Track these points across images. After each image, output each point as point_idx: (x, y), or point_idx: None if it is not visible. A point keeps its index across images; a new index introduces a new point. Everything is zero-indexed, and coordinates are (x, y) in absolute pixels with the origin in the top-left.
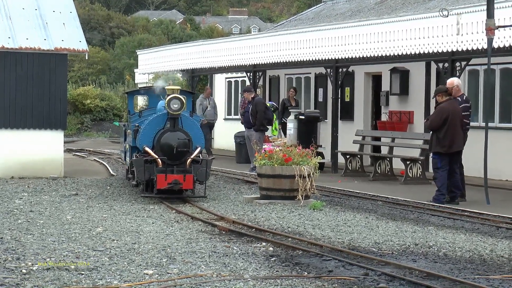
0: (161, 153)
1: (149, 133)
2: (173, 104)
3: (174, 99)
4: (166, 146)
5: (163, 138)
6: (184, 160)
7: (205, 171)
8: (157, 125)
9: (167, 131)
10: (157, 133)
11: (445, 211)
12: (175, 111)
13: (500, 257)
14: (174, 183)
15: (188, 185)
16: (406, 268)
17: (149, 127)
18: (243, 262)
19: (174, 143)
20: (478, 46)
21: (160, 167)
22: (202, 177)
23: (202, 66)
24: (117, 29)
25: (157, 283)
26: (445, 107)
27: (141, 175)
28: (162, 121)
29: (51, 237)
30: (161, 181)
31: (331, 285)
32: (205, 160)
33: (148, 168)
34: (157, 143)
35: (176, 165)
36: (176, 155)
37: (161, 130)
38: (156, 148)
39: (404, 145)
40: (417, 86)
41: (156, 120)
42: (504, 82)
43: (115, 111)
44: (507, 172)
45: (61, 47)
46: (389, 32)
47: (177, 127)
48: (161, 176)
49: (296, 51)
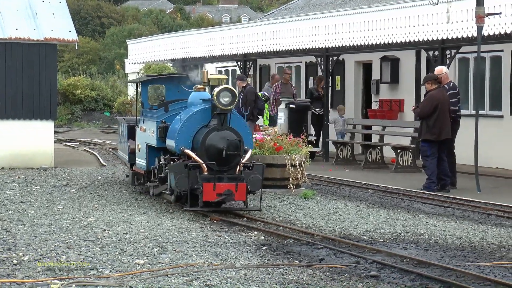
0: (205, 157)
1: (187, 132)
2: (223, 97)
3: (225, 91)
4: (213, 149)
5: (209, 138)
6: (234, 165)
7: (259, 179)
8: (196, 122)
9: (213, 130)
10: (197, 132)
11: (436, 199)
12: (226, 106)
13: (491, 244)
14: (226, 193)
15: (241, 196)
16: (397, 256)
17: (188, 124)
18: (234, 251)
19: (222, 145)
20: (468, 34)
21: (206, 174)
22: (255, 186)
23: (193, 55)
24: (107, 19)
25: (148, 273)
26: (435, 95)
27: (182, 184)
28: (203, 117)
29: (42, 228)
30: (208, 192)
31: (322, 273)
32: (258, 165)
33: (191, 175)
34: (201, 144)
35: (224, 171)
36: (225, 159)
37: (202, 128)
38: (200, 150)
39: (394, 133)
40: (407, 74)
41: (197, 116)
42: (494, 70)
43: (106, 101)
44: (497, 160)
45: (50, 37)
46: (379, 21)
47: (225, 125)
48: (208, 186)
49: (286, 40)
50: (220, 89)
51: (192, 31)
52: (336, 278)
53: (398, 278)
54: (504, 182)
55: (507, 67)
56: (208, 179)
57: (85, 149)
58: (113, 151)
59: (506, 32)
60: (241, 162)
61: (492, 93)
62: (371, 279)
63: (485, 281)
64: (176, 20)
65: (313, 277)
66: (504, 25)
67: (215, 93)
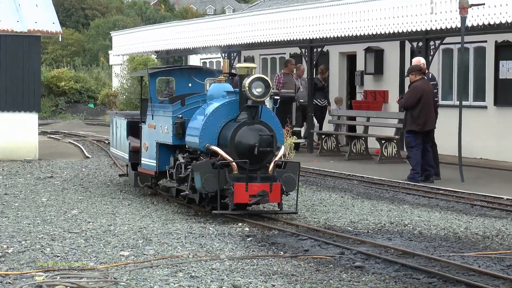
0: (235, 154)
1: (212, 127)
2: (256, 88)
3: (257, 81)
4: (244, 145)
5: (239, 134)
6: (266, 163)
7: (294, 178)
8: (222, 117)
9: (243, 124)
10: (223, 127)
11: (420, 190)
12: (259, 97)
13: (475, 234)
14: (261, 195)
15: (275, 197)
16: (382, 247)
17: (213, 118)
18: (219, 243)
19: (254, 141)
20: (452, 25)
21: (236, 174)
22: (290, 187)
23: (177, 47)
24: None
25: (133, 264)
26: (419, 86)
27: (210, 185)
28: (230, 110)
29: (26, 220)
30: (240, 193)
31: (307, 264)
32: (292, 163)
33: (219, 175)
34: (230, 140)
35: (256, 170)
36: (257, 157)
37: (230, 123)
38: (229, 147)
39: (379, 124)
40: (391, 65)
41: (222, 110)
42: (477, 61)
43: (90, 93)
44: (481, 150)
45: (34, 29)
46: (363, 12)
47: (256, 118)
48: (239, 186)
49: (270, 31)
50: (253, 79)
51: (176, 23)
52: (321, 269)
53: (382, 268)
54: (488, 172)
55: (490, 58)
56: (239, 179)
57: (69, 141)
58: (98, 143)
59: (489, 23)
60: (274, 160)
61: (476, 84)
62: (356, 270)
63: (469, 271)
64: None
65: (297, 268)
66: (488, 15)
67: (246, 83)
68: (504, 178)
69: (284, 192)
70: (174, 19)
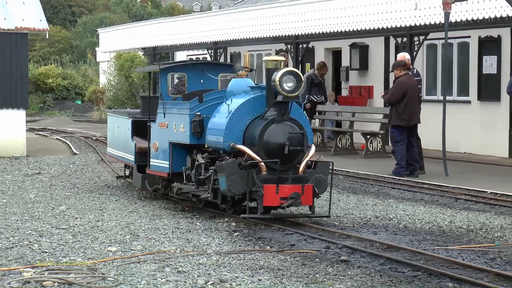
0: (263, 154)
1: (237, 125)
2: (287, 82)
3: (288, 75)
4: (273, 144)
5: (268, 132)
6: (296, 164)
7: (325, 180)
8: (247, 114)
9: (272, 122)
10: (249, 125)
11: (405, 184)
12: (290, 92)
13: (459, 228)
14: (293, 197)
15: (307, 200)
16: (367, 241)
17: (238, 115)
18: (206, 238)
19: (284, 140)
20: (435, 21)
21: (265, 175)
22: (322, 188)
23: (164, 43)
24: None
25: (120, 260)
26: (404, 81)
27: (237, 187)
28: (256, 107)
29: (14, 216)
30: (271, 195)
31: (293, 259)
32: (323, 162)
33: (246, 176)
34: (258, 139)
35: (286, 171)
36: (287, 156)
37: (256, 120)
38: (257, 146)
39: (364, 119)
40: (376, 61)
41: (248, 106)
42: (461, 56)
43: (77, 90)
44: (465, 145)
45: (21, 26)
46: (348, 8)
47: (286, 115)
48: (270, 188)
49: (256, 27)
50: (283, 73)
51: (162, 20)
52: (307, 263)
53: (368, 262)
54: (472, 166)
55: (474, 53)
56: (268, 180)
57: (57, 137)
58: (85, 139)
59: (473, 19)
60: (305, 160)
61: (459, 79)
62: (341, 264)
63: (453, 265)
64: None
65: (284, 262)
66: (471, 11)
67: (277, 78)
68: (488, 172)
69: (316, 195)
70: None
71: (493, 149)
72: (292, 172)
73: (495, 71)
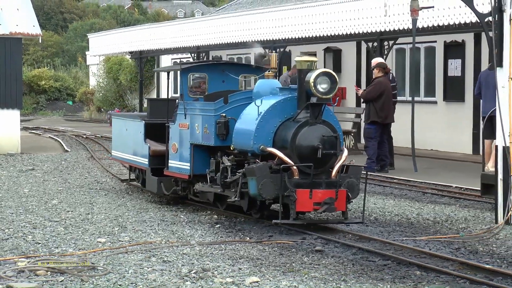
0: (295, 157)
1: (267, 127)
2: (321, 84)
3: (323, 76)
4: (306, 147)
5: (300, 134)
6: (328, 168)
7: (357, 184)
8: (278, 116)
9: (305, 124)
10: (279, 127)
11: (375, 179)
12: (324, 94)
13: (426, 220)
14: (327, 202)
15: (341, 205)
16: (340, 232)
17: (268, 117)
18: (189, 230)
19: (318, 143)
20: (404, 26)
21: (298, 179)
22: (354, 193)
23: (150, 48)
24: (69, 14)
25: (109, 250)
26: (382, 81)
27: (268, 192)
28: (287, 109)
29: (9, 209)
30: (304, 200)
31: (271, 249)
32: (355, 166)
33: (279, 180)
34: (291, 142)
35: (318, 175)
36: (320, 160)
37: (287, 122)
38: (289, 149)
39: (337, 118)
40: (349, 64)
41: (278, 108)
42: (428, 60)
43: (68, 91)
44: (432, 142)
45: (15, 32)
46: (322, 14)
47: (319, 118)
48: (303, 193)
49: (236, 33)
50: (318, 74)
51: (148, 25)
52: (284, 253)
53: (341, 252)
54: (438, 162)
55: (440, 57)
56: (301, 184)
57: (49, 136)
58: (76, 137)
59: (439, 25)
60: (338, 163)
61: (426, 81)
62: (316, 254)
63: (421, 254)
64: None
65: (262, 252)
66: (437, 17)
67: (311, 79)
68: (453, 167)
69: (349, 200)
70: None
71: (458, 146)
72: (325, 177)
73: (459, 74)
